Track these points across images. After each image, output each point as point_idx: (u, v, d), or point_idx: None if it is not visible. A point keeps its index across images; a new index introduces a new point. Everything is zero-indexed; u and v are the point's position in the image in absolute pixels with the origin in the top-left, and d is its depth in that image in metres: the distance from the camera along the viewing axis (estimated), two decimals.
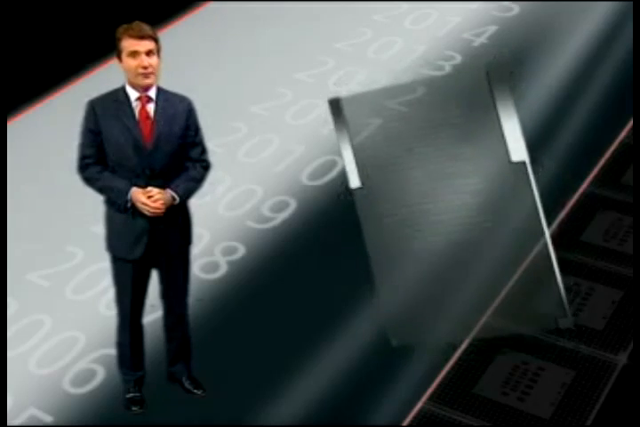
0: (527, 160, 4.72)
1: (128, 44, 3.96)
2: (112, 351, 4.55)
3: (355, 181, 4.75)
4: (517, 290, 4.79)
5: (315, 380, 4.62)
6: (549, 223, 5.58)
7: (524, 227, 4.74)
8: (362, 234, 4.74)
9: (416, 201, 4.77)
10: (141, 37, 3.95)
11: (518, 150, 4.71)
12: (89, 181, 4.14)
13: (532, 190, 4.73)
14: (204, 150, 4.24)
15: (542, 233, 4.74)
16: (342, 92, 6.81)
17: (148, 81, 4.02)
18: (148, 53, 3.97)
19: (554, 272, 4.73)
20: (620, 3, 7.74)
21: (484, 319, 4.86)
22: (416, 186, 4.76)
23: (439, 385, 4.64)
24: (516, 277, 4.80)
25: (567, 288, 4.80)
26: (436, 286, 4.72)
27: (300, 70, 7.10)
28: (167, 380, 4.63)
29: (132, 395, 4.50)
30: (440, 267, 4.73)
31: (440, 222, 4.75)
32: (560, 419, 4.48)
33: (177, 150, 4.13)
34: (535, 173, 4.77)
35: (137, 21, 4.03)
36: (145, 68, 3.98)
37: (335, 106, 4.81)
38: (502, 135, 4.72)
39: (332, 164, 6.15)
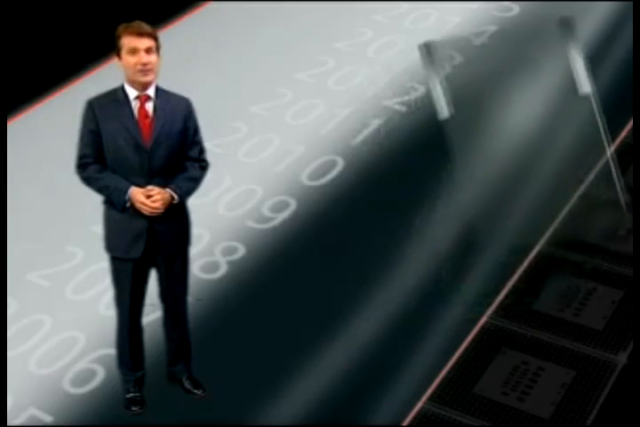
0: (594, 92, 5.92)
1: (128, 42, 3.97)
2: (112, 351, 4.55)
3: (445, 112, 5.88)
4: (583, 200, 5.72)
5: (315, 380, 4.62)
6: (549, 224, 5.62)
7: (588, 146, 5.81)
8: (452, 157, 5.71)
9: (494, 126, 5.85)
10: (141, 35, 3.96)
11: (586, 84, 5.89)
12: (88, 180, 4.14)
13: (597, 117, 5.81)
14: (202, 150, 4.24)
15: (604, 151, 5.81)
16: (341, 91, 6.86)
17: (147, 78, 4.02)
18: (148, 51, 3.97)
19: (616, 183, 5.60)
20: (620, 3, 7.74)
21: (553, 226, 5.55)
22: (496, 114, 5.88)
23: (439, 385, 4.65)
24: (580, 190, 5.76)
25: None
26: (510, 196, 5.58)
27: (300, 70, 7.10)
28: (167, 380, 4.63)
29: (132, 395, 4.50)
30: (514, 180, 5.64)
31: (515, 143, 5.82)
32: (560, 419, 4.48)
33: (176, 150, 4.13)
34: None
35: (137, 20, 4.03)
36: (144, 64, 3.98)
37: (426, 49, 6.07)
38: (572, 71, 5.96)
39: (332, 164, 6.15)
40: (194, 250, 4.66)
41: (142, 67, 3.98)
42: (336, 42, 7.49)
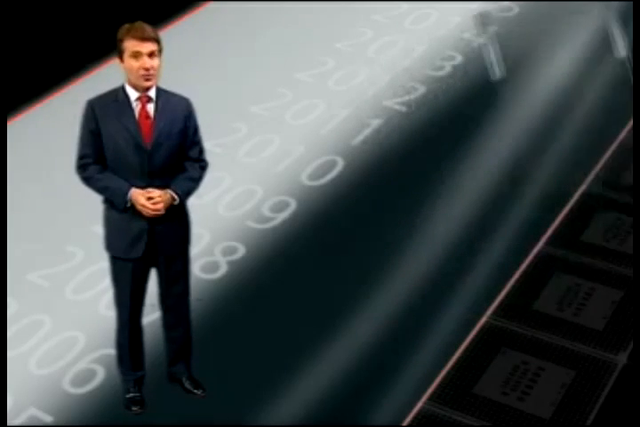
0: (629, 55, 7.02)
1: (131, 46, 3.96)
2: (112, 351, 4.55)
3: (497, 73, 6.85)
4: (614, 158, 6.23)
5: (315, 380, 4.62)
6: (549, 224, 5.63)
7: (617, 105, 6.62)
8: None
9: (538, 87, 6.79)
10: (144, 39, 3.95)
11: (622, 48, 7.03)
12: (88, 180, 4.14)
13: (630, 77, 6.79)
14: (202, 150, 4.24)
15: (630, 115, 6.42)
16: (341, 91, 6.86)
17: (149, 83, 4.02)
18: (151, 55, 3.97)
19: None
20: (620, 3, 7.73)
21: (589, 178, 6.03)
22: (542, 78, 6.88)
23: (439, 385, 4.65)
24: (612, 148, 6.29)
25: None
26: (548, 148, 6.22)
27: (300, 70, 7.10)
28: (167, 380, 4.63)
29: (132, 395, 4.49)
30: (552, 133, 6.35)
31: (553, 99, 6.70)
32: (560, 419, 4.48)
33: (176, 150, 4.13)
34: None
35: (139, 22, 4.02)
36: (147, 69, 3.97)
37: (481, 17, 7.48)
38: (611, 38, 7.15)
39: (332, 164, 6.15)
40: (194, 250, 4.66)
41: (145, 72, 3.98)
42: (336, 42, 7.48)
